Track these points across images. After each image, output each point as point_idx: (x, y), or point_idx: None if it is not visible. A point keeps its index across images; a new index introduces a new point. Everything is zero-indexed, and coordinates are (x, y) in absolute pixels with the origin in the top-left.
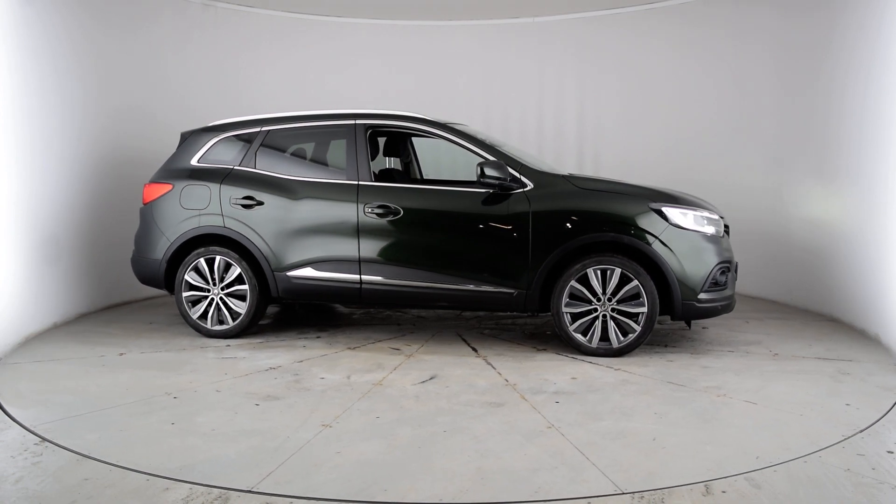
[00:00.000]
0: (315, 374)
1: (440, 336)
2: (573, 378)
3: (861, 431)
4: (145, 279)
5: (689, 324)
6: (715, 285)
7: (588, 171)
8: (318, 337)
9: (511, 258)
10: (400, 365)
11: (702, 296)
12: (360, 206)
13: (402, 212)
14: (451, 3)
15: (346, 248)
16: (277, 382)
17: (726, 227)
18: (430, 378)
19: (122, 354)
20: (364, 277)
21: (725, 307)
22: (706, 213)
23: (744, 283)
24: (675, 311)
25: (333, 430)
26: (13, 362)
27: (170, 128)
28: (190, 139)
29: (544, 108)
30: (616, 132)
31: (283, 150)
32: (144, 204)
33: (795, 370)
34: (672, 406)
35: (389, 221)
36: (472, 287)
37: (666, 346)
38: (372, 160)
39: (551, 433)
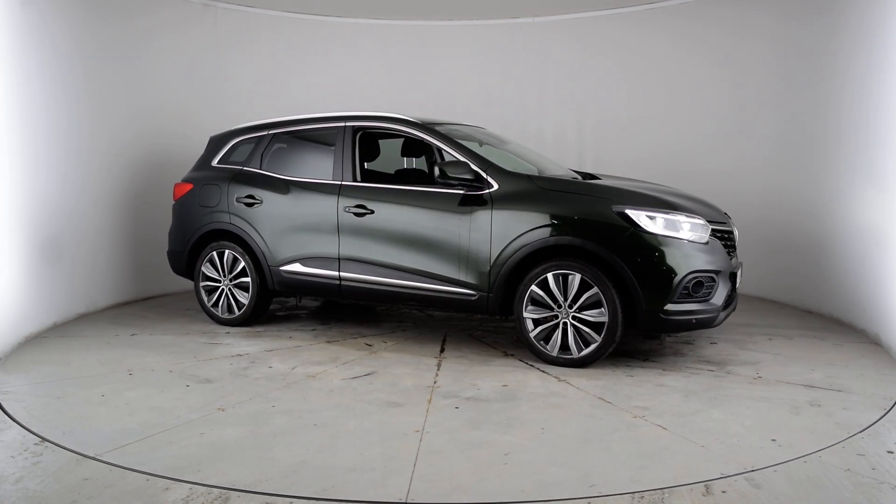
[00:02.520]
0: (268, 363)
1: (426, 335)
2: (504, 385)
3: (860, 433)
4: (176, 270)
5: (659, 337)
6: (688, 296)
7: (589, 170)
8: (314, 329)
9: (473, 260)
10: (353, 360)
11: (670, 307)
12: (340, 206)
13: (375, 211)
14: (451, 3)
15: (328, 245)
16: (228, 368)
17: (726, 233)
18: (366, 374)
19: (133, 335)
20: (342, 274)
21: (703, 321)
22: (683, 218)
23: (744, 282)
24: (639, 322)
25: (223, 413)
26: (43, 336)
27: (168, 128)
28: (215, 142)
29: (544, 108)
30: (616, 131)
31: (285, 152)
32: (174, 201)
33: (760, 397)
34: (570, 423)
35: (365, 221)
36: (438, 287)
37: (646, 359)
38: (371, 161)
39: (411, 438)
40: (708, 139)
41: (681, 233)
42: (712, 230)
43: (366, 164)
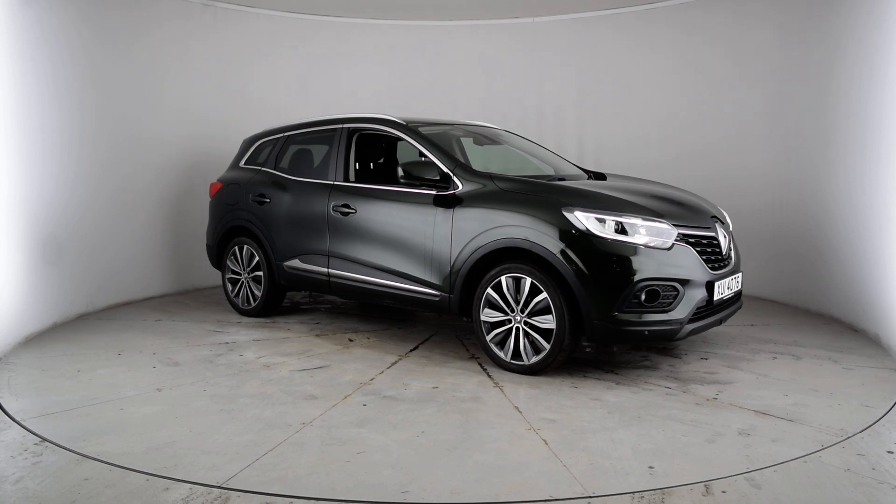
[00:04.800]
0: (243, 351)
1: (413, 334)
2: (434, 387)
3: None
4: (211, 262)
5: (611, 348)
6: (639, 306)
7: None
8: (318, 323)
9: (437, 261)
10: (320, 354)
11: (618, 315)
12: (330, 204)
13: (357, 210)
14: (451, 3)
15: (320, 242)
16: (204, 354)
17: (705, 238)
18: (317, 368)
19: (157, 321)
20: (331, 271)
21: (659, 334)
22: (640, 221)
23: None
24: (585, 331)
25: (158, 393)
26: (83, 318)
27: (168, 129)
28: (244, 144)
29: (544, 108)
30: (615, 132)
31: (294, 154)
32: (210, 198)
33: (690, 420)
34: (456, 429)
35: (348, 220)
36: (409, 287)
37: (610, 370)
38: (369, 161)
39: (291, 429)
40: (710, 139)
41: (636, 237)
42: (687, 235)
43: (371, 164)
